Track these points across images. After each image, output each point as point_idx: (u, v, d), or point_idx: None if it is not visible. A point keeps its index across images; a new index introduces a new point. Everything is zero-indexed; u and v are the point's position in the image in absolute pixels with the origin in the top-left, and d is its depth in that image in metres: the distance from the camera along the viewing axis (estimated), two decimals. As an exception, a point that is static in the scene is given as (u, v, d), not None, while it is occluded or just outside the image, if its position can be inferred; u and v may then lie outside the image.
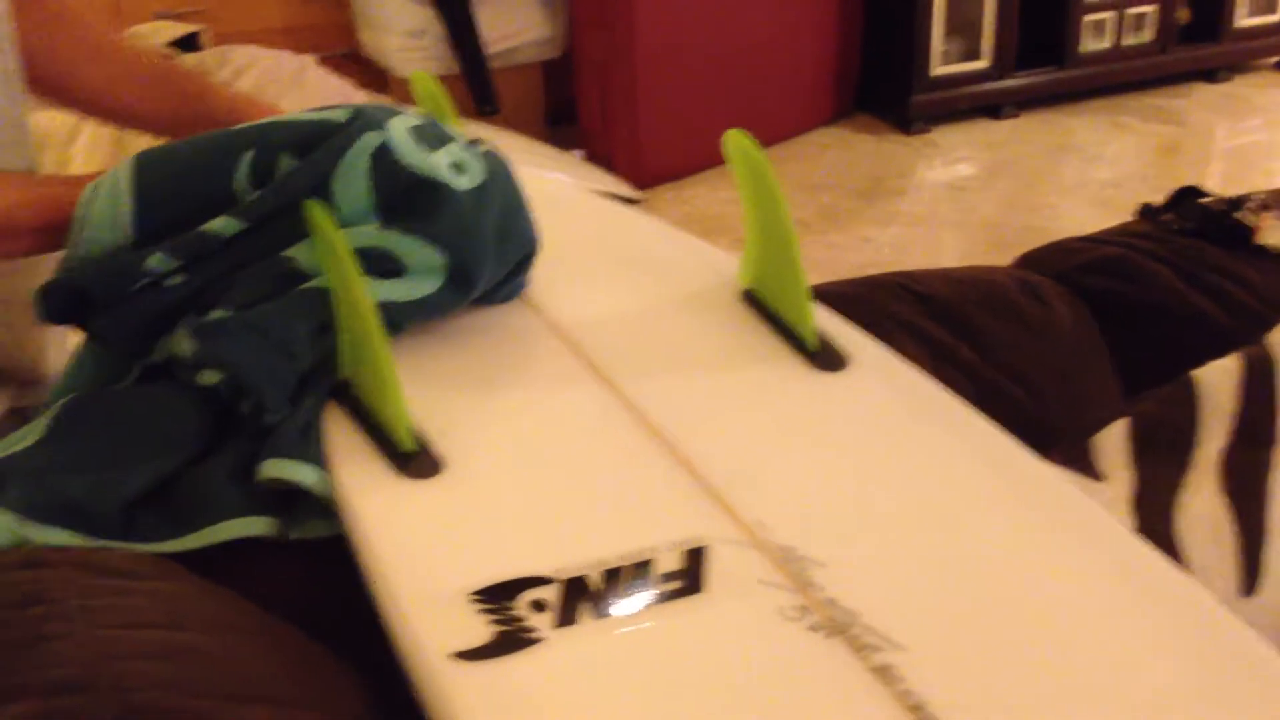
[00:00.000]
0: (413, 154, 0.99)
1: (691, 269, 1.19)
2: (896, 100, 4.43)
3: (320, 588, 0.91)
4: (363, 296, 0.89)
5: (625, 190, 3.67)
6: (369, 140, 0.98)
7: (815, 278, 1.11)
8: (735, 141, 1.06)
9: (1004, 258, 1.44)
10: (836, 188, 3.97)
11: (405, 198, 0.98)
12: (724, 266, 1.17)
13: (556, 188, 1.49)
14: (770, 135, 4.08)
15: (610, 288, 1.14)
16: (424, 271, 0.98)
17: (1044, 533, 0.84)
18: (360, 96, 1.93)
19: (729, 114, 4.11)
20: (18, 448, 0.91)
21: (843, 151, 4.26)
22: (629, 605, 0.75)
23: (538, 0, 3.86)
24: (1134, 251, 1.40)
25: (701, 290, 1.14)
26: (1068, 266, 1.42)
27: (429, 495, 0.85)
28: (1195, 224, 1.45)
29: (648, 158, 3.89)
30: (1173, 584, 0.79)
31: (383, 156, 0.98)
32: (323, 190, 0.97)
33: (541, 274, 1.12)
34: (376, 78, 3.92)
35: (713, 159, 3.96)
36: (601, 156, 3.93)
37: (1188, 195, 1.53)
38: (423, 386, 0.96)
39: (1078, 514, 0.86)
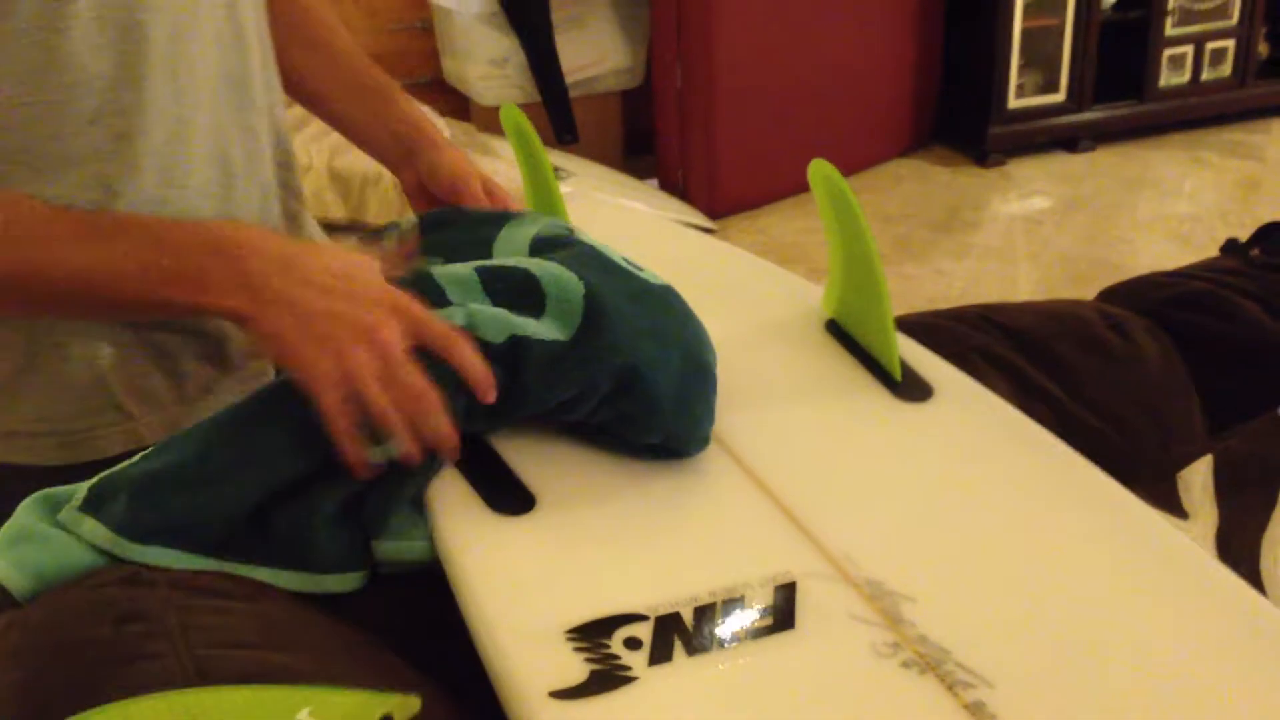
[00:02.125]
0: None
1: (775, 298, 1.19)
2: (973, 132, 4.42)
3: (413, 615, 0.92)
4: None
5: (700, 219, 3.68)
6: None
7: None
8: (819, 170, 1.06)
9: (1079, 291, 1.43)
10: (911, 219, 3.96)
11: None
12: (807, 295, 1.17)
13: (638, 217, 1.50)
14: (846, 166, 4.07)
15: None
16: None
17: (1135, 568, 0.83)
18: (443, 124, 1.96)
19: (804, 144, 4.11)
20: (136, 460, 0.91)
21: (918, 183, 4.25)
22: (722, 642, 0.75)
23: (618, 31, 3.88)
24: (1221, 286, 1.39)
25: (785, 319, 1.14)
26: (1153, 301, 1.41)
27: (522, 531, 0.85)
28: (1283, 260, 1.44)
29: (724, 187, 3.90)
30: (1264, 619, 0.78)
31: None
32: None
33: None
34: (459, 105, 3.96)
35: (787, 189, 3.97)
36: (676, 186, 3.95)
37: (1275, 230, 1.51)
38: (511, 424, 0.97)
39: (1167, 548, 0.85)
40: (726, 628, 0.76)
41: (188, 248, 0.93)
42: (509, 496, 0.88)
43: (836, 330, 1.11)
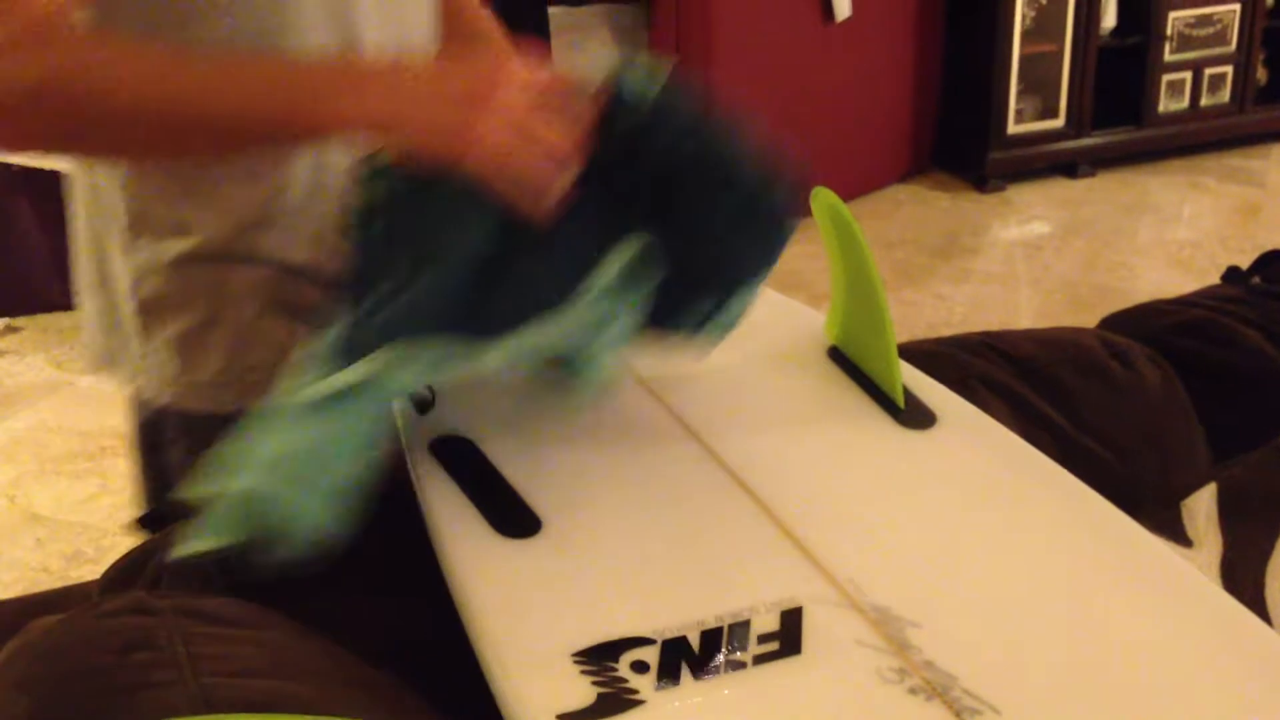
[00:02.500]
0: None
1: (777, 325, 1.19)
2: (972, 158, 4.43)
3: (419, 638, 0.92)
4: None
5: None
6: None
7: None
8: (823, 199, 1.07)
9: (1080, 317, 1.44)
10: (911, 244, 3.96)
11: None
12: (809, 322, 1.18)
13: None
14: (845, 191, 4.05)
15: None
16: None
17: (1136, 594, 0.83)
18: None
19: (805, 170, 4.09)
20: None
21: (918, 208, 4.26)
22: (728, 666, 0.75)
23: (617, 56, 3.89)
24: (1223, 315, 1.39)
25: (788, 346, 1.15)
26: (1155, 328, 1.41)
27: (528, 554, 0.86)
28: (1284, 287, 1.44)
29: (723, 213, 3.89)
30: (1270, 647, 0.78)
31: None
32: None
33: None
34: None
35: (787, 215, 3.97)
36: (677, 211, 3.94)
37: (1275, 258, 1.52)
38: (516, 446, 0.97)
39: (1171, 575, 0.85)
40: (733, 652, 0.76)
41: (334, 68, 1.02)
42: (515, 520, 0.88)
43: (839, 357, 1.11)
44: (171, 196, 1.15)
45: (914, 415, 1.02)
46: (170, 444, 1.30)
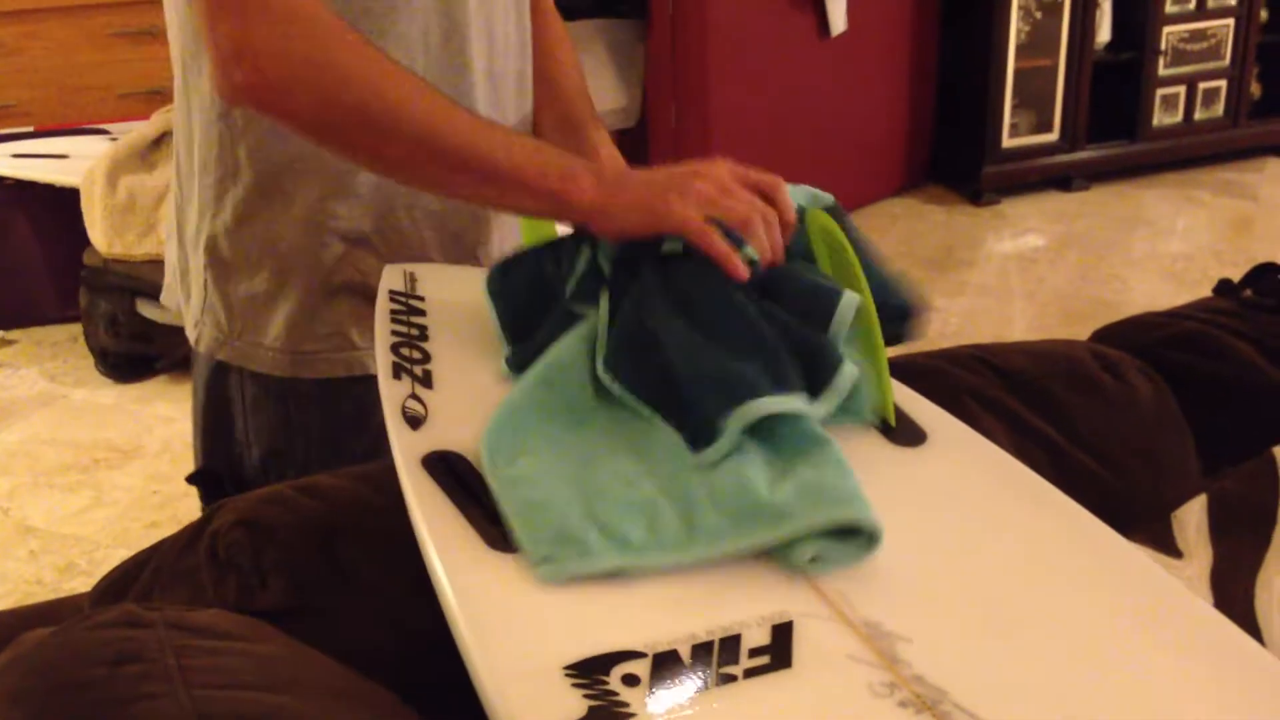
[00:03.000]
0: None
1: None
2: (967, 171, 4.44)
3: (409, 652, 0.92)
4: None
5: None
6: None
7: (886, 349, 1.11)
8: (817, 222, 1.07)
9: (1074, 329, 1.44)
10: (906, 257, 3.97)
11: None
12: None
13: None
14: (842, 204, 4.07)
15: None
16: None
17: (1125, 610, 0.83)
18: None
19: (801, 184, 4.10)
20: None
21: (913, 221, 4.27)
22: (719, 680, 0.75)
23: (614, 71, 3.90)
24: (1214, 327, 1.40)
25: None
26: (1147, 341, 1.41)
27: (519, 567, 0.85)
28: (1275, 300, 1.45)
29: (718, 226, 3.90)
30: (1257, 662, 0.79)
31: None
32: None
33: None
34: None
35: (782, 228, 3.98)
36: (672, 224, 3.94)
37: (1267, 271, 1.52)
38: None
39: (1159, 591, 0.85)
40: (725, 666, 0.76)
41: (559, 152, 1.14)
42: (506, 534, 0.88)
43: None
44: (284, 164, 1.26)
45: (904, 433, 1.02)
46: (230, 401, 1.39)
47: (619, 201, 1.07)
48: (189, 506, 1.46)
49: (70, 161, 3.61)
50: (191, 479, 1.44)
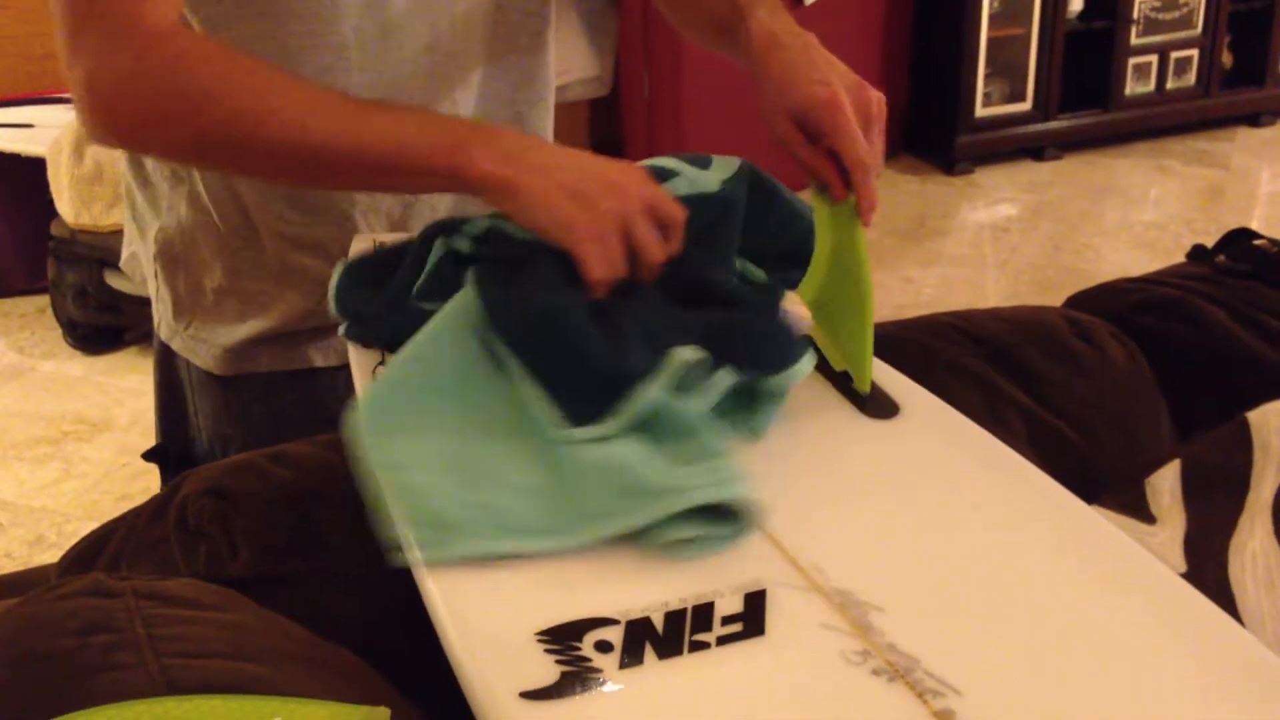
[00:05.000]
0: None
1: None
2: (940, 141, 4.45)
3: (382, 619, 0.92)
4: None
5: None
6: None
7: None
8: (840, 214, 1.06)
9: (1046, 298, 1.44)
10: (879, 227, 3.97)
11: None
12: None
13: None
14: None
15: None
16: None
17: (1094, 580, 0.84)
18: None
19: (772, 152, 4.11)
20: None
21: (886, 192, 4.27)
22: (692, 647, 0.75)
23: (586, 41, 3.88)
24: (1188, 293, 1.40)
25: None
26: (1120, 307, 1.42)
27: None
28: (1249, 266, 1.45)
29: (692, 196, 3.90)
30: (1221, 630, 0.79)
31: None
32: None
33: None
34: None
35: (755, 198, 3.97)
36: (645, 194, 3.94)
37: (1240, 237, 1.52)
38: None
39: (1127, 561, 0.85)
40: (697, 633, 0.76)
41: (452, 125, 1.07)
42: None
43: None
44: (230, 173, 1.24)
45: (877, 405, 1.02)
46: (181, 383, 1.41)
47: (524, 185, 1.00)
48: (159, 479, 1.47)
49: (36, 131, 3.57)
50: (148, 455, 1.44)
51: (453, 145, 1.02)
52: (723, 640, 0.76)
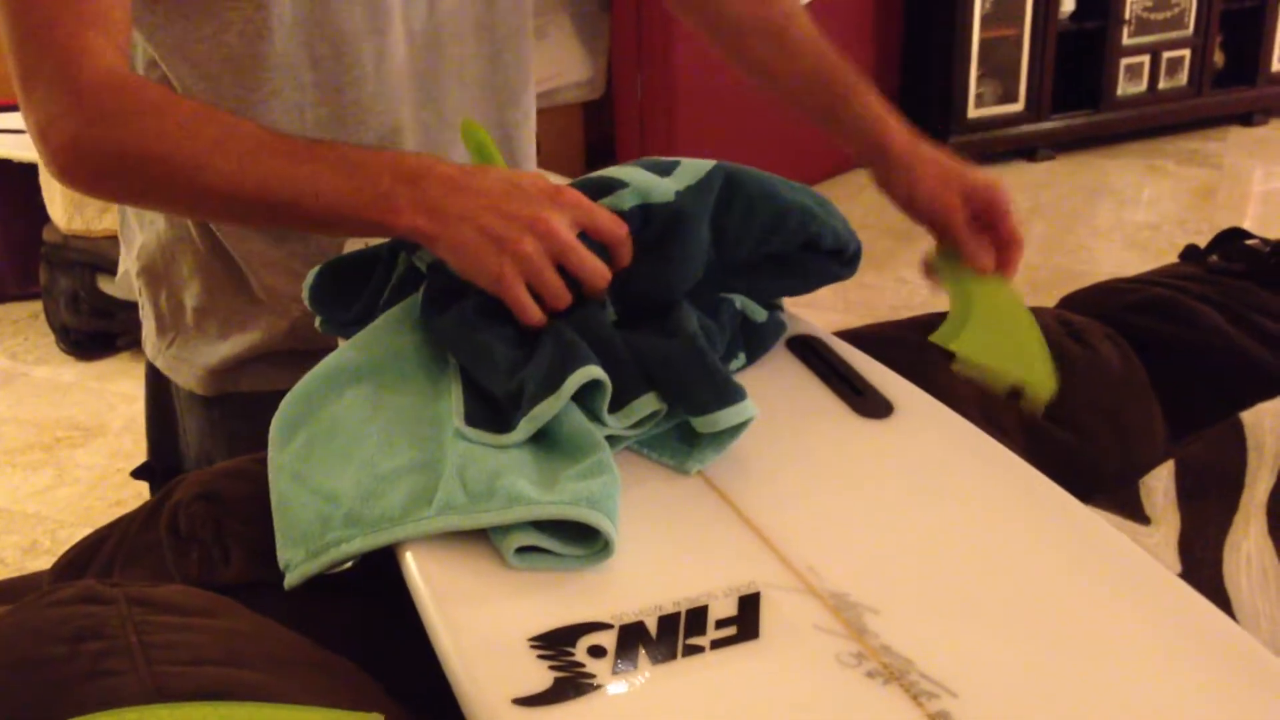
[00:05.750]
0: None
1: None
2: (932, 141, 4.44)
3: (375, 625, 0.91)
4: None
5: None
6: None
7: (852, 319, 1.12)
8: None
9: (1039, 298, 1.44)
10: (873, 228, 3.97)
11: None
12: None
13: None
14: (807, 175, 4.07)
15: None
16: None
17: (1091, 580, 0.83)
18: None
19: (766, 154, 4.13)
20: None
21: (880, 192, 4.27)
22: (686, 651, 0.75)
23: (579, 43, 3.88)
24: (1181, 293, 1.40)
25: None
26: (1113, 307, 1.41)
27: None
28: (1242, 265, 1.45)
29: (684, 198, 3.90)
30: (1218, 630, 0.79)
31: None
32: None
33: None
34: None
35: (748, 199, 3.97)
36: (637, 196, 3.94)
37: (1233, 237, 1.52)
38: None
39: (1123, 560, 0.85)
40: (691, 637, 0.76)
41: (377, 173, 1.04)
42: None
43: (801, 347, 1.11)
44: None
45: (871, 404, 1.02)
46: (169, 397, 1.41)
47: (447, 238, 1.01)
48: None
49: (28, 136, 3.56)
50: (137, 473, 1.44)
51: (377, 198, 1.02)
52: (717, 644, 0.76)
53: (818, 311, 1.17)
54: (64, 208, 3.35)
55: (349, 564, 0.89)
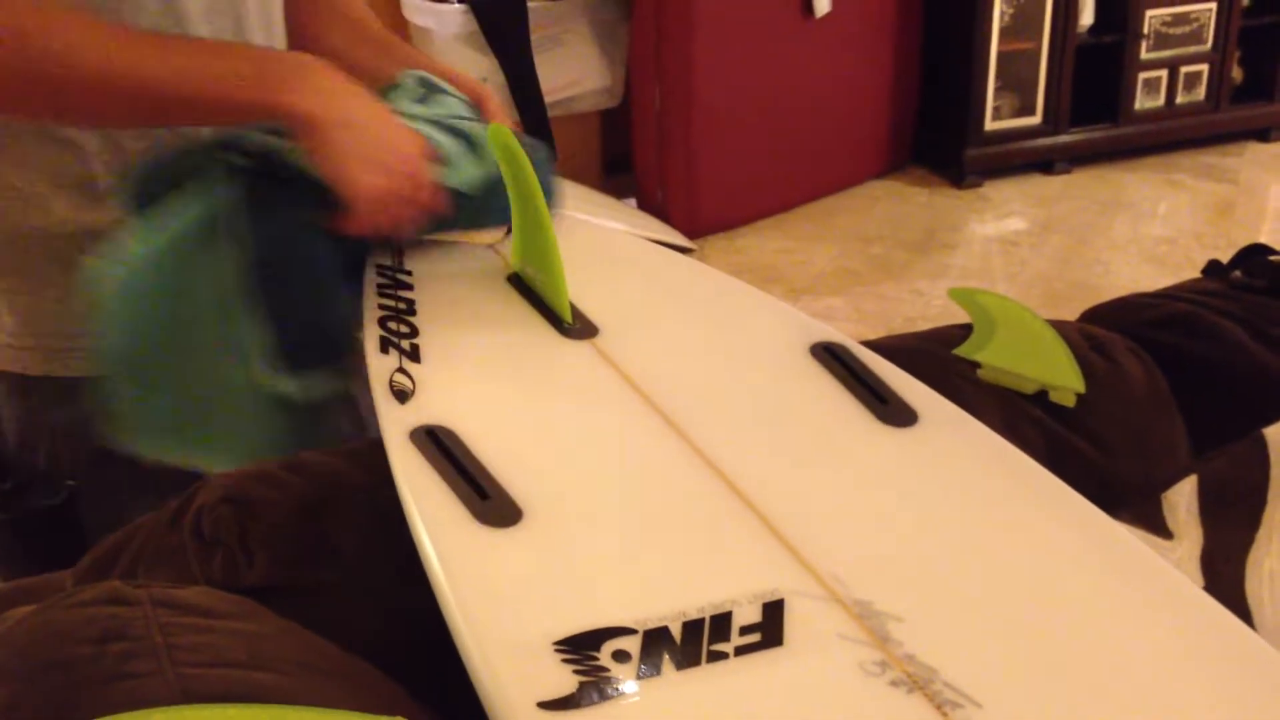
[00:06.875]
0: None
1: (756, 320, 1.19)
2: (950, 154, 4.44)
3: (399, 629, 0.91)
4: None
5: (679, 239, 3.68)
6: None
7: (867, 330, 1.12)
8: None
9: (1056, 312, 1.44)
10: (889, 239, 3.97)
11: None
12: (787, 318, 1.17)
13: (617, 237, 1.50)
14: (824, 186, 4.09)
15: (681, 340, 1.15)
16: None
17: (1114, 591, 0.83)
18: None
19: (783, 165, 4.14)
20: None
21: (895, 204, 4.27)
22: (710, 657, 0.75)
23: (597, 51, 3.88)
24: (1203, 308, 1.39)
25: (767, 342, 1.14)
26: (1136, 321, 1.41)
27: (509, 543, 0.85)
28: (1265, 281, 1.44)
29: (703, 207, 3.90)
30: (1244, 644, 0.79)
31: None
32: None
33: (612, 325, 1.12)
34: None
35: (765, 209, 3.98)
36: (655, 205, 3.95)
37: (1255, 252, 1.52)
38: (497, 436, 0.97)
39: (1148, 572, 0.85)
40: (715, 643, 0.76)
41: (266, 58, 1.10)
42: (496, 509, 0.88)
43: (825, 354, 1.11)
44: None
45: (896, 413, 1.02)
46: None
47: (333, 136, 1.06)
48: None
49: None
50: None
51: (262, 75, 1.06)
52: (741, 650, 0.76)
53: (832, 323, 1.17)
54: None
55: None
